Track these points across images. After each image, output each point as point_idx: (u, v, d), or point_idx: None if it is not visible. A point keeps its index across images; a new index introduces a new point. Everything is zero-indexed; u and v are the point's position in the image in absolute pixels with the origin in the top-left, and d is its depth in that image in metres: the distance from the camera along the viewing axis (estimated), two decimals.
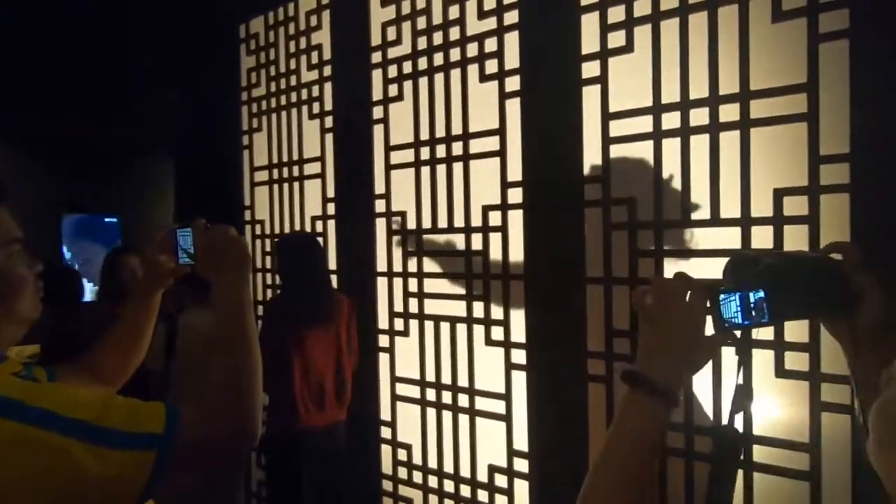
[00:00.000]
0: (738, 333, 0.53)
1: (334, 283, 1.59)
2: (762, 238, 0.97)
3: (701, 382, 1.02)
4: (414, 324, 1.43)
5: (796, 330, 0.95)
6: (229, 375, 0.62)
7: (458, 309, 1.33)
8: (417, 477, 1.44)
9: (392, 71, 1.46)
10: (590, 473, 0.47)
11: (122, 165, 4.36)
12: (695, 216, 1.03)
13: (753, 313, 0.52)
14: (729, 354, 0.96)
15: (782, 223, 0.95)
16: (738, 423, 0.52)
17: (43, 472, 0.49)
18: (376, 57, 1.49)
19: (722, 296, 0.52)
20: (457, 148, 1.33)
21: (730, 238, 0.99)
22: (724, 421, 0.54)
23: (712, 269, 1.00)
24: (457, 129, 1.33)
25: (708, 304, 0.51)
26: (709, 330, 0.50)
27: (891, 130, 0.85)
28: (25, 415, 0.50)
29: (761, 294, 0.51)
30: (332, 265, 1.60)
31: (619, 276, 1.11)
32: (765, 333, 0.96)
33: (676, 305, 0.49)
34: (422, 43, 1.38)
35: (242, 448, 0.63)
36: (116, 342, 0.84)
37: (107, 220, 4.44)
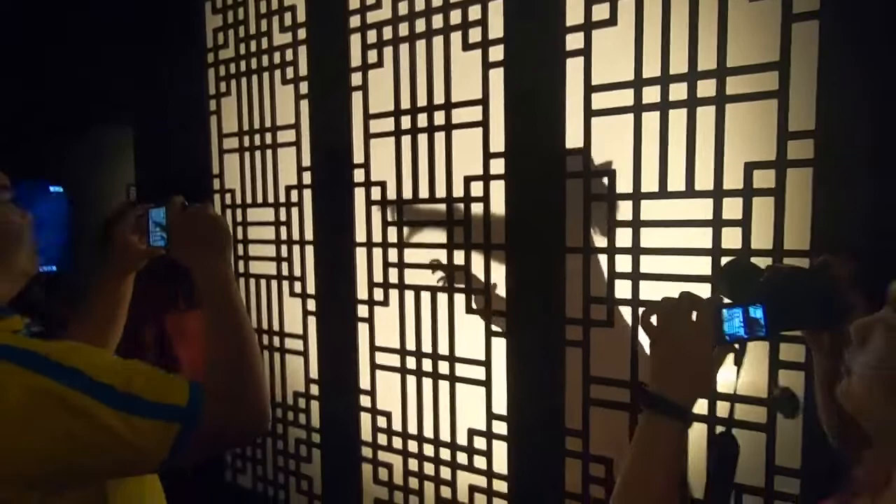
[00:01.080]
0: (737, 346, 0.58)
1: (311, 254, 1.58)
2: (732, 209, 1.03)
3: None
4: (394, 293, 1.44)
5: None
6: (228, 361, 0.61)
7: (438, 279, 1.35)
8: (397, 443, 1.47)
9: (371, 36, 1.42)
10: (617, 495, 0.48)
11: (72, 131, 4.08)
12: (670, 188, 1.08)
13: (754, 327, 0.57)
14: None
15: (751, 195, 1.01)
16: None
17: (66, 431, 0.48)
18: (354, 21, 1.44)
19: (725, 311, 0.56)
20: (439, 117, 1.33)
21: (703, 209, 1.05)
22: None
23: (688, 239, 1.06)
24: (439, 99, 1.32)
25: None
26: None
27: (854, 108, 0.91)
28: (52, 370, 0.49)
29: (760, 310, 0.56)
30: (309, 235, 1.58)
31: (598, 246, 1.15)
32: None
33: (685, 324, 0.52)
34: (403, 8, 1.35)
35: (260, 428, 0.62)
36: (85, 329, 0.79)
37: (52, 189, 4.17)
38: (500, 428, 1.29)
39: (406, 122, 1.38)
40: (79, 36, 2.37)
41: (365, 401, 1.52)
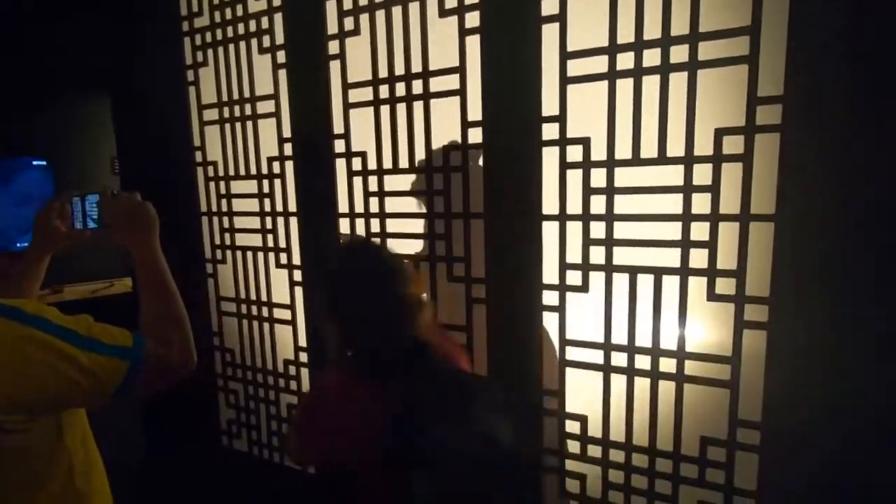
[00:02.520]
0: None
1: (295, 225, 1.59)
2: (702, 175, 1.05)
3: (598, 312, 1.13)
4: None
5: (727, 258, 1.05)
6: (161, 316, 0.77)
7: (420, 247, 1.37)
8: None
9: (347, 3, 1.40)
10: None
11: (49, 103, 4.00)
12: (643, 155, 1.09)
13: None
14: (622, 281, 1.07)
15: (720, 161, 1.03)
16: None
17: (48, 365, 0.62)
18: None
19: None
20: (417, 86, 1.32)
21: (674, 175, 1.07)
22: None
23: (659, 206, 1.09)
24: (416, 67, 1.31)
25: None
26: None
27: (821, 73, 0.92)
28: (29, 320, 0.62)
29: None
30: (293, 207, 1.59)
31: (573, 214, 1.18)
32: (699, 262, 1.07)
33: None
34: None
35: (188, 365, 0.77)
36: None
37: (35, 162, 4.11)
38: None
39: (384, 91, 1.37)
40: (50, 8, 2.29)
41: None
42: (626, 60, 1.08)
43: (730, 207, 1.03)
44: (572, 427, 1.26)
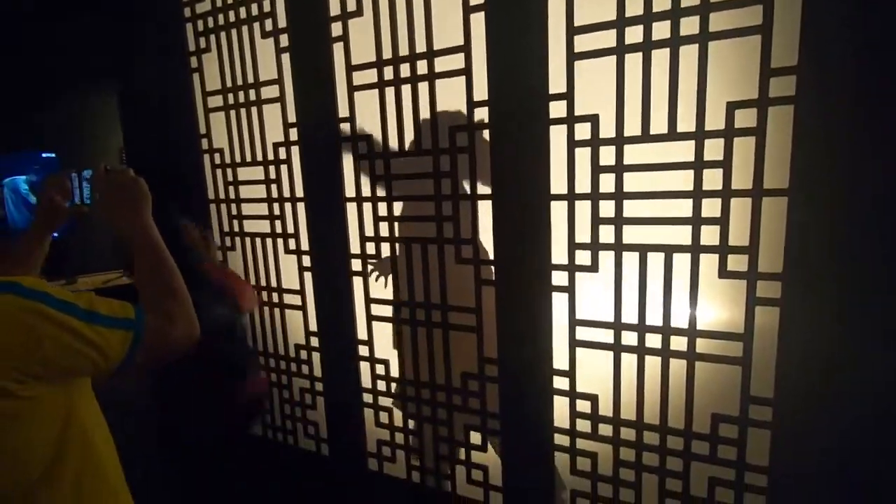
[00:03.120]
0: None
1: (302, 211, 1.59)
2: (713, 150, 1.03)
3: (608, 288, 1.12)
4: (385, 247, 1.47)
5: (739, 234, 1.04)
6: (160, 290, 0.78)
7: (430, 230, 1.37)
8: (395, 388, 1.54)
9: None
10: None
11: (58, 97, 4.01)
12: (653, 131, 1.08)
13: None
14: (635, 259, 1.05)
15: (732, 135, 1.01)
16: None
17: (51, 336, 0.63)
18: None
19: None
20: (421, 67, 1.31)
21: (684, 152, 1.05)
22: None
23: (669, 183, 1.07)
24: (421, 47, 1.30)
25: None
26: None
27: (836, 41, 0.90)
28: (28, 293, 0.63)
29: None
30: (300, 192, 1.59)
31: (582, 192, 1.16)
32: (709, 239, 1.06)
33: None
34: None
35: (191, 337, 0.78)
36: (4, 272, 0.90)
37: (44, 155, 4.14)
38: (492, 370, 1.35)
39: (389, 72, 1.36)
40: (52, 5, 2.28)
41: (363, 350, 1.58)
42: (634, 34, 1.06)
43: (742, 182, 1.02)
44: (583, 406, 1.26)
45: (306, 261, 1.63)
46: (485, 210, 1.28)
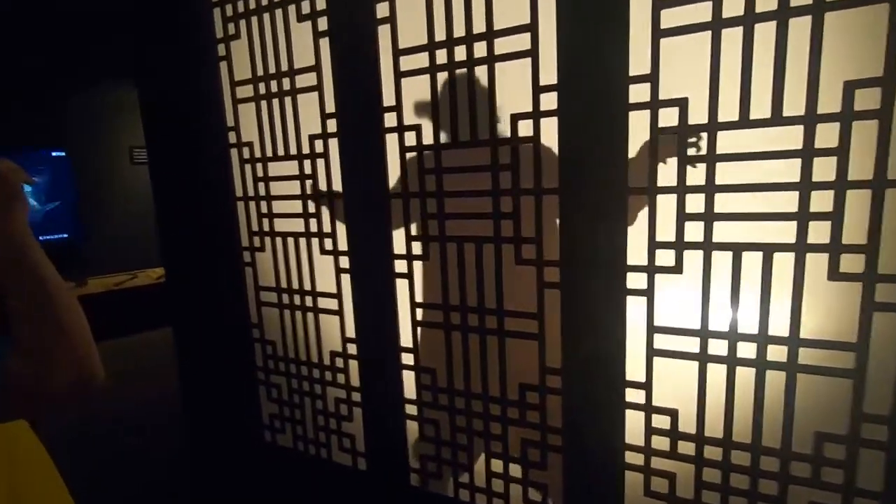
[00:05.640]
0: None
1: (341, 209, 1.48)
2: (827, 137, 0.91)
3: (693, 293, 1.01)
4: (434, 246, 1.35)
5: (853, 232, 0.92)
6: (35, 323, 0.59)
7: (486, 228, 1.26)
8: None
9: None
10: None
11: (69, 95, 3.92)
12: (753, 115, 0.96)
13: None
14: (725, 259, 0.94)
15: (851, 119, 0.89)
16: None
17: None
18: None
19: None
20: (479, 49, 1.19)
21: (793, 138, 0.94)
22: None
23: (765, 174, 0.95)
24: (479, 27, 1.18)
25: None
26: None
27: None
28: None
29: None
30: (338, 187, 1.47)
31: (666, 186, 1.05)
32: (822, 236, 0.94)
33: None
34: None
35: (78, 392, 0.60)
36: None
37: (54, 153, 4.04)
38: (555, 381, 1.24)
39: (442, 55, 1.24)
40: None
41: (407, 358, 1.46)
42: (733, 7, 0.94)
43: (859, 173, 0.90)
44: (660, 422, 1.14)
45: (344, 262, 1.52)
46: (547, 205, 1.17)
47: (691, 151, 1.02)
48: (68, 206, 4.03)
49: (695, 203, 1.03)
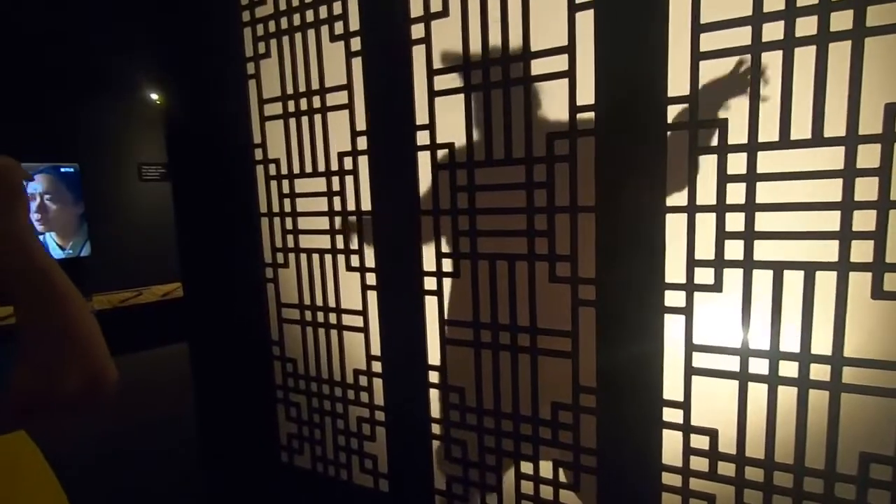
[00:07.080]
0: None
1: (370, 227, 1.48)
2: (868, 157, 0.93)
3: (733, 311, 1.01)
4: (465, 263, 1.35)
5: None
6: (42, 332, 0.55)
7: (520, 246, 1.26)
8: (468, 418, 1.41)
9: None
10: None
11: (79, 110, 3.94)
12: (794, 136, 0.98)
13: None
14: (766, 278, 0.94)
15: (892, 141, 0.91)
16: None
17: None
18: None
19: None
20: (516, 70, 1.21)
21: (832, 159, 0.95)
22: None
23: (805, 195, 0.97)
24: (515, 48, 1.21)
25: None
26: None
27: None
28: None
29: None
30: (367, 205, 1.48)
31: (705, 204, 1.06)
32: (864, 255, 0.95)
33: None
34: None
35: (95, 399, 0.56)
36: None
37: (63, 169, 4.04)
38: (589, 400, 1.23)
39: (477, 76, 1.26)
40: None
41: (434, 377, 1.45)
42: (772, 31, 0.97)
43: None
44: (699, 442, 1.13)
45: (370, 279, 1.51)
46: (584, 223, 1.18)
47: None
48: (76, 220, 4.02)
49: (734, 222, 1.04)
